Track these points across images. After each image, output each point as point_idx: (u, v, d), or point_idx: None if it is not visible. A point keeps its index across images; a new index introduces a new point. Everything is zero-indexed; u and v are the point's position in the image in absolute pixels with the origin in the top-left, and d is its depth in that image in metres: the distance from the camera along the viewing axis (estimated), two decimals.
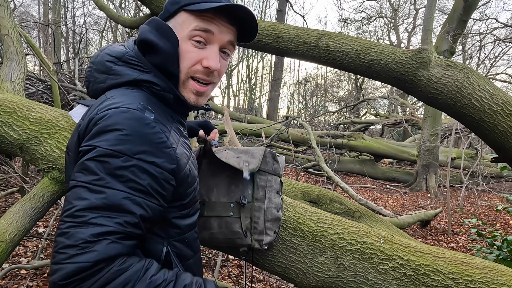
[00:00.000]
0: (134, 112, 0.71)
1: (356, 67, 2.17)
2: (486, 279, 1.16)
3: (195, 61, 0.80)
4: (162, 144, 0.72)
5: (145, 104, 0.74)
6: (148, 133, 0.70)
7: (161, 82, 0.79)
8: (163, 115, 0.78)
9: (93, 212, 0.64)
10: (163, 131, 0.74)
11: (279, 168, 1.31)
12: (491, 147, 1.99)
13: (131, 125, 0.69)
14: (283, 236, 1.33)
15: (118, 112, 0.70)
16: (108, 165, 0.66)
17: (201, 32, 0.79)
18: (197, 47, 0.80)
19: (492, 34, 15.49)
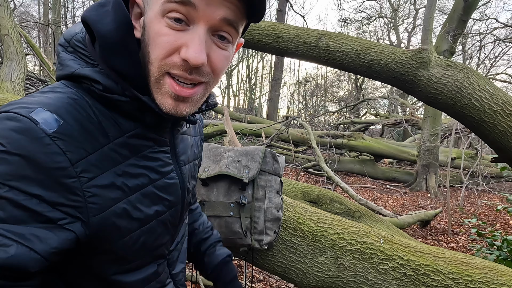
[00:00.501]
0: (23, 120, 0.47)
1: (356, 67, 2.17)
2: (486, 279, 1.16)
3: (171, 50, 0.53)
4: (57, 172, 0.48)
5: (59, 108, 0.51)
6: (36, 152, 0.47)
7: (106, 80, 0.54)
8: (96, 119, 0.54)
9: None
10: (69, 150, 0.49)
11: (279, 168, 1.31)
12: (491, 147, 1.99)
13: (13, 138, 0.46)
14: (283, 236, 1.33)
15: (2, 118, 0.48)
16: None
17: (177, 5, 0.52)
18: (174, 28, 0.53)
19: (492, 34, 15.49)
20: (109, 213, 0.55)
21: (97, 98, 0.56)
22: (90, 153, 0.52)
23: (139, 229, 0.60)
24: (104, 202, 0.54)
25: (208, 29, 0.54)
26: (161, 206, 0.63)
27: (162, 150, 0.64)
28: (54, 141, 0.48)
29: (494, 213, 6.71)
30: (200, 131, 0.84)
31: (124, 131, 0.57)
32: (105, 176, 0.54)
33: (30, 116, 0.48)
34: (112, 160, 0.55)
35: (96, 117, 0.54)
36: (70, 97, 0.53)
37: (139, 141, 0.59)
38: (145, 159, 0.60)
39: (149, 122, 0.59)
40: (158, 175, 0.62)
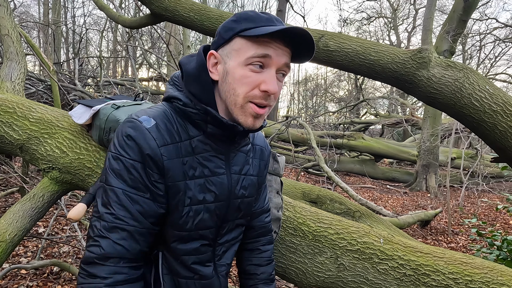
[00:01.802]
0: (135, 121, 0.82)
1: (356, 67, 2.17)
2: (486, 279, 1.16)
3: (254, 86, 0.81)
4: (150, 149, 0.81)
5: (155, 116, 0.84)
6: (140, 138, 0.81)
7: (185, 99, 0.85)
8: (176, 127, 0.85)
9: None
10: (157, 138, 0.81)
11: (279, 168, 1.31)
12: (491, 147, 1.99)
13: (130, 131, 0.81)
14: (283, 236, 1.33)
15: (126, 121, 0.84)
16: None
17: (259, 58, 0.80)
18: (255, 71, 0.81)
19: (492, 34, 15.49)
20: (174, 185, 0.84)
21: (178, 113, 0.87)
22: (169, 143, 0.83)
23: (189, 206, 0.86)
24: (173, 176, 0.83)
25: (276, 70, 0.82)
26: (208, 195, 0.88)
27: (218, 156, 0.89)
28: (150, 132, 0.81)
29: (494, 213, 6.71)
30: (262, 156, 1.05)
31: (191, 136, 0.86)
32: (175, 160, 0.83)
33: (138, 119, 0.82)
34: (181, 152, 0.84)
35: (176, 124, 0.85)
36: (163, 111, 0.86)
37: (200, 145, 0.87)
38: (203, 159, 0.87)
39: (210, 131, 0.86)
40: (211, 173, 0.88)
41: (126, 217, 0.80)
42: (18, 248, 3.18)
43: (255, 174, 1.00)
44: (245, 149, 0.97)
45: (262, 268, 1.09)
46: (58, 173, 1.32)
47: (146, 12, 3.13)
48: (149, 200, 0.82)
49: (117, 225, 0.79)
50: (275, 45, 0.81)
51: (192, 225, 0.87)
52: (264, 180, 1.09)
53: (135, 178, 0.80)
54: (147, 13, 2.86)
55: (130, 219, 0.80)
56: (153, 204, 0.83)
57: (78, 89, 6.09)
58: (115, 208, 0.80)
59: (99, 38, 19.38)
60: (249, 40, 0.80)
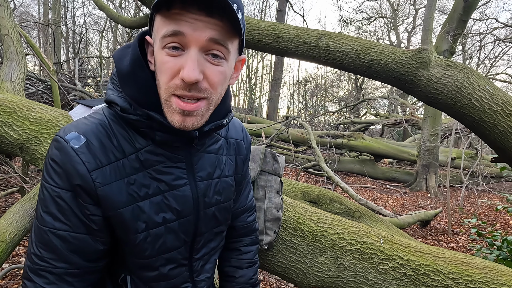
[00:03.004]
0: (60, 140, 0.66)
1: (356, 67, 2.17)
2: (486, 279, 1.16)
3: (173, 74, 0.63)
4: (79, 176, 0.66)
5: (87, 132, 0.67)
6: (66, 161, 0.65)
7: (123, 103, 0.67)
8: (115, 141, 0.69)
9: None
10: (88, 161, 0.65)
11: (279, 168, 1.31)
12: (491, 147, 1.99)
13: (55, 153, 0.66)
14: (283, 236, 1.33)
15: (52, 140, 0.69)
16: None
17: (172, 38, 0.61)
18: (172, 55, 0.62)
19: (492, 34, 15.48)
20: (119, 213, 0.69)
21: (119, 122, 0.70)
22: (105, 165, 0.67)
23: (146, 231, 0.72)
24: (112, 204, 0.68)
25: (199, 50, 0.62)
26: (169, 214, 0.74)
27: (176, 165, 0.74)
28: (78, 154, 0.65)
29: (494, 213, 6.71)
30: (239, 151, 0.89)
31: (138, 148, 0.70)
32: (115, 184, 0.68)
33: (65, 137, 0.66)
34: (124, 171, 0.69)
35: (115, 137, 0.69)
36: (99, 122, 0.69)
37: (151, 156, 0.71)
38: (157, 173, 0.72)
39: (159, 139, 0.70)
40: (168, 187, 0.73)
41: (52, 258, 0.66)
42: (18, 248, 3.18)
43: (230, 174, 0.86)
44: (213, 149, 0.81)
45: (241, 271, 0.98)
46: None
47: (146, 12, 3.13)
48: (84, 235, 0.68)
49: (43, 268, 0.67)
50: (191, 17, 0.60)
51: (152, 251, 0.74)
52: (245, 176, 0.95)
53: (63, 211, 0.66)
54: (147, 13, 2.85)
55: (57, 261, 0.67)
56: (89, 239, 0.69)
57: (78, 89, 6.09)
58: (39, 248, 0.67)
59: (99, 38, 19.40)
60: (163, 15, 0.62)
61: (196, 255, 0.82)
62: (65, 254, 0.67)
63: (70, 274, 0.68)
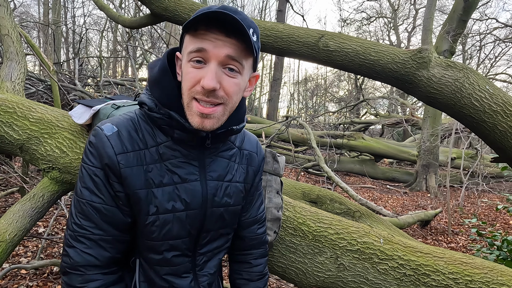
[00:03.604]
0: (97, 129, 0.82)
1: (356, 67, 2.17)
2: (486, 279, 1.16)
3: (194, 82, 0.76)
4: (108, 157, 0.80)
5: (119, 124, 0.83)
6: (99, 145, 0.81)
7: (150, 103, 0.82)
8: (141, 134, 0.83)
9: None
10: (116, 146, 0.80)
11: (279, 168, 1.31)
12: (491, 147, 1.99)
13: (92, 139, 0.82)
14: (283, 236, 1.33)
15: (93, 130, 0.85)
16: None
17: (196, 53, 0.76)
18: (196, 67, 0.77)
19: (492, 34, 15.48)
20: (135, 193, 0.81)
21: (146, 120, 0.85)
22: (129, 151, 0.81)
23: (156, 215, 0.82)
24: (132, 184, 0.81)
25: (218, 63, 0.76)
26: (179, 204, 0.84)
27: (190, 162, 0.85)
28: (109, 139, 0.80)
29: (494, 213, 6.71)
30: (251, 162, 0.98)
31: (159, 143, 0.83)
32: (135, 168, 0.81)
33: (101, 127, 0.82)
34: (145, 160, 0.82)
35: (141, 132, 0.83)
36: (130, 118, 0.85)
37: (168, 151, 0.83)
38: (172, 165, 0.83)
39: (177, 136, 0.82)
40: (181, 179, 0.84)
41: (90, 226, 0.81)
42: (18, 248, 3.18)
43: (241, 180, 0.94)
44: (226, 154, 0.91)
45: (252, 283, 1.04)
46: (58, 173, 1.32)
47: (146, 12, 3.13)
48: (114, 208, 0.82)
49: (82, 235, 0.80)
50: (213, 37, 0.75)
51: (159, 234, 0.84)
52: (257, 188, 1.03)
53: (98, 186, 0.80)
54: (147, 13, 2.86)
55: (94, 228, 0.81)
56: (119, 211, 0.82)
57: (78, 89, 6.09)
58: (79, 217, 0.81)
59: (99, 38, 19.40)
60: (191, 34, 0.77)
61: (200, 249, 0.91)
62: (100, 222, 0.81)
63: (105, 241, 0.82)
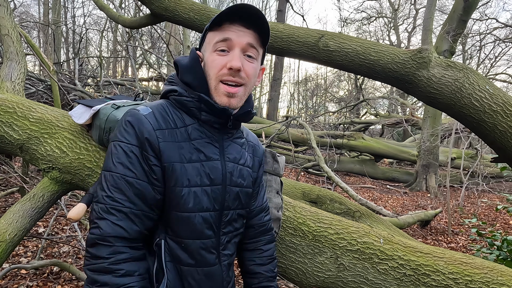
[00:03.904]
0: (133, 111, 0.92)
1: (356, 67, 2.17)
2: (486, 279, 1.16)
3: (221, 67, 0.91)
4: (147, 132, 0.89)
5: (153, 106, 0.94)
6: (138, 123, 0.89)
7: (180, 89, 0.95)
8: (171, 116, 0.94)
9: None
10: (153, 123, 0.89)
11: (279, 168, 1.31)
12: (491, 147, 1.99)
13: (130, 119, 0.91)
14: (283, 236, 1.33)
15: (128, 111, 0.94)
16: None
17: (222, 43, 0.91)
18: (221, 55, 0.92)
19: (492, 34, 15.48)
20: (170, 165, 0.89)
21: (174, 106, 0.96)
22: (164, 128, 0.91)
23: (189, 187, 0.91)
24: (169, 157, 0.89)
25: (240, 50, 0.92)
26: (205, 178, 0.93)
27: (213, 144, 0.96)
28: (146, 117, 0.90)
29: (494, 213, 6.71)
30: (256, 152, 1.11)
31: (187, 124, 0.94)
32: (171, 144, 0.90)
33: (136, 108, 0.92)
34: (177, 137, 0.92)
35: (171, 115, 0.94)
36: (160, 104, 0.96)
37: (196, 132, 0.94)
38: (199, 145, 0.94)
39: (204, 118, 0.94)
40: (206, 158, 0.94)
41: (122, 199, 0.86)
42: (18, 248, 3.18)
43: (250, 166, 1.06)
44: (239, 141, 1.04)
45: (264, 267, 1.11)
46: (58, 173, 1.32)
47: (146, 12, 3.13)
48: (146, 183, 0.88)
49: (114, 207, 0.85)
50: (235, 29, 0.91)
51: (193, 205, 0.91)
52: (260, 178, 1.14)
53: (132, 162, 0.87)
54: (147, 13, 2.86)
55: (126, 201, 0.86)
56: (150, 187, 0.88)
57: (78, 89, 6.09)
58: (112, 190, 0.86)
59: (99, 38, 19.40)
60: (213, 30, 0.93)
61: (224, 228, 0.99)
62: (132, 196, 0.86)
63: (135, 214, 0.86)
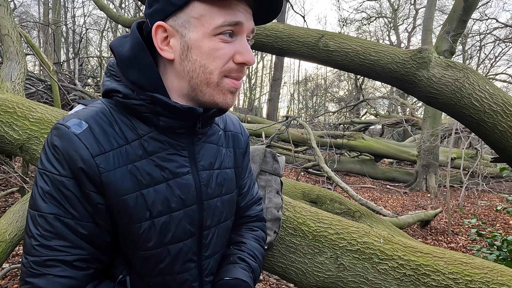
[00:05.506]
0: (61, 127, 0.66)
1: (356, 67, 2.17)
2: (486, 279, 1.16)
3: (228, 58, 0.69)
4: (82, 161, 0.65)
5: (88, 118, 0.67)
6: (68, 147, 0.65)
7: (125, 89, 0.69)
8: (117, 128, 0.69)
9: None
10: (91, 146, 0.65)
11: (279, 168, 1.31)
12: (491, 147, 1.99)
13: (56, 141, 0.66)
14: (283, 236, 1.33)
15: (52, 129, 0.69)
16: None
17: (231, 27, 0.67)
18: (226, 41, 0.68)
19: (492, 34, 15.48)
20: (123, 200, 0.67)
21: (121, 109, 0.70)
22: (108, 151, 0.66)
23: (151, 219, 0.70)
24: (116, 191, 0.66)
25: (245, 36, 0.71)
26: (174, 202, 0.72)
27: (179, 153, 0.74)
28: (80, 139, 0.64)
29: (494, 213, 6.70)
30: (238, 143, 0.90)
31: (141, 135, 0.70)
32: (119, 170, 0.67)
33: (65, 124, 0.66)
34: (128, 158, 0.68)
35: (118, 125, 0.69)
36: (100, 110, 0.69)
37: (154, 143, 0.71)
38: (161, 160, 0.71)
39: (163, 124, 0.70)
40: (172, 175, 0.72)
41: (65, 245, 0.65)
42: (18, 248, 3.17)
43: (231, 166, 0.85)
44: (214, 139, 0.81)
45: (250, 242, 0.93)
46: None
47: None
48: (91, 224, 0.67)
49: (55, 257, 0.64)
50: (243, 8, 0.68)
51: (157, 241, 0.71)
52: (248, 170, 0.96)
53: (68, 199, 0.64)
54: None
55: (69, 247, 0.65)
56: (96, 229, 0.67)
57: (78, 89, 6.09)
58: (48, 238, 0.64)
59: (99, 38, 19.40)
60: (213, 3, 0.66)
61: (206, 251, 0.80)
62: (77, 241, 0.66)
63: (83, 260, 0.67)
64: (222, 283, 0.80)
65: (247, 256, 0.87)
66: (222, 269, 0.84)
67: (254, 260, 0.89)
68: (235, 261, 0.85)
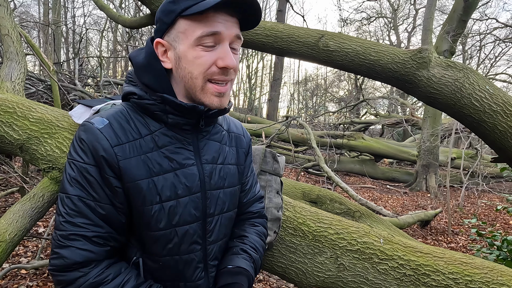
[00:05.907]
0: (87, 124, 0.80)
1: (356, 67, 2.17)
2: (486, 279, 1.16)
3: (209, 64, 0.78)
4: (103, 150, 0.78)
5: (109, 116, 0.81)
6: (92, 139, 0.78)
7: (140, 91, 0.82)
8: (133, 124, 0.82)
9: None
10: (110, 138, 0.78)
11: (279, 168, 1.31)
12: (491, 147, 1.99)
13: (83, 134, 0.79)
14: (283, 236, 1.33)
15: (80, 126, 0.82)
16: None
17: (209, 37, 0.77)
18: (207, 50, 0.78)
19: (492, 34, 15.47)
20: (134, 184, 0.79)
21: (136, 110, 0.84)
22: (124, 143, 0.79)
23: (159, 203, 0.81)
24: (131, 175, 0.79)
25: (229, 43, 0.80)
26: (180, 189, 0.83)
27: (186, 147, 0.85)
28: (102, 132, 0.78)
29: (494, 213, 6.70)
30: (240, 144, 1.01)
31: (152, 131, 0.83)
32: (135, 159, 0.79)
33: (90, 121, 0.80)
34: (141, 149, 0.81)
35: (133, 122, 0.82)
36: (119, 110, 0.84)
37: (164, 138, 0.83)
38: (169, 152, 0.83)
39: (171, 121, 0.83)
40: (179, 165, 0.84)
41: (85, 223, 0.77)
42: (18, 248, 3.17)
43: (233, 162, 0.96)
44: (217, 137, 0.93)
45: (251, 236, 1.02)
46: (58, 173, 1.32)
47: (146, 12, 3.13)
48: (109, 206, 0.79)
49: (77, 232, 0.76)
50: (222, 18, 0.77)
51: (167, 222, 0.82)
52: (248, 169, 1.05)
53: (91, 183, 0.77)
54: (147, 13, 2.85)
55: (90, 225, 0.77)
56: (113, 210, 0.79)
57: (78, 89, 6.09)
58: (72, 215, 0.76)
59: (99, 38, 19.39)
60: (193, 19, 0.77)
61: (210, 237, 0.89)
62: (96, 219, 0.77)
63: (101, 237, 0.78)
64: (225, 270, 0.91)
65: (249, 248, 0.97)
66: (226, 259, 0.94)
67: (255, 252, 0.98)
68: (237, 252, 0.95)
